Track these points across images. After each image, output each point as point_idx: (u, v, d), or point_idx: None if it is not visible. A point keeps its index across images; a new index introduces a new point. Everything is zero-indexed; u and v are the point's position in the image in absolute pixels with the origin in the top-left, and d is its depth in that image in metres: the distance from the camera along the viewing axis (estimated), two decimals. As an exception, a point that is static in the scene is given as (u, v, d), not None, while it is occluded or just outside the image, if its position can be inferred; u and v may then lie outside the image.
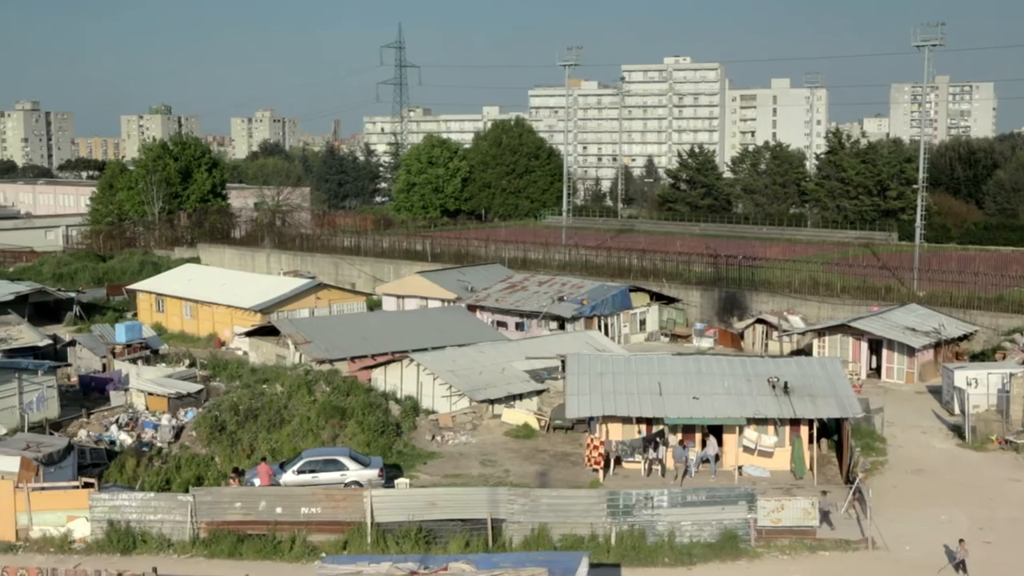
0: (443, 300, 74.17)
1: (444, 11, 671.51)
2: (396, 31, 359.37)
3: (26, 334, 61.14)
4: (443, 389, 50.75)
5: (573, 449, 45.84)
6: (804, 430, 42.31)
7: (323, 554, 32.35)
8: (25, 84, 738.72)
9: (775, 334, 67.08)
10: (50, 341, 61.66)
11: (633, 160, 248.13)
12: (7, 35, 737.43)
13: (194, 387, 51.84)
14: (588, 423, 44.62)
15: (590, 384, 44.06)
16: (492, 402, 50.37)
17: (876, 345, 59.68)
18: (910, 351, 57.99)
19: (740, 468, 41.93)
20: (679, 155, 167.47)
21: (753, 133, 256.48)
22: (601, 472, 41.64)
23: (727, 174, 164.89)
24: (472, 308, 71.09)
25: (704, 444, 42.69)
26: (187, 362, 61.21)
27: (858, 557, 33.55)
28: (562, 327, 67.12)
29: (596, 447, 41.76)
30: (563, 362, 48.86)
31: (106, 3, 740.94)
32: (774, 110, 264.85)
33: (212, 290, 76.28)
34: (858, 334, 60.02)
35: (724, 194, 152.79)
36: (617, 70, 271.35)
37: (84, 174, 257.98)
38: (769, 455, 42.36)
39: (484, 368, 52.30)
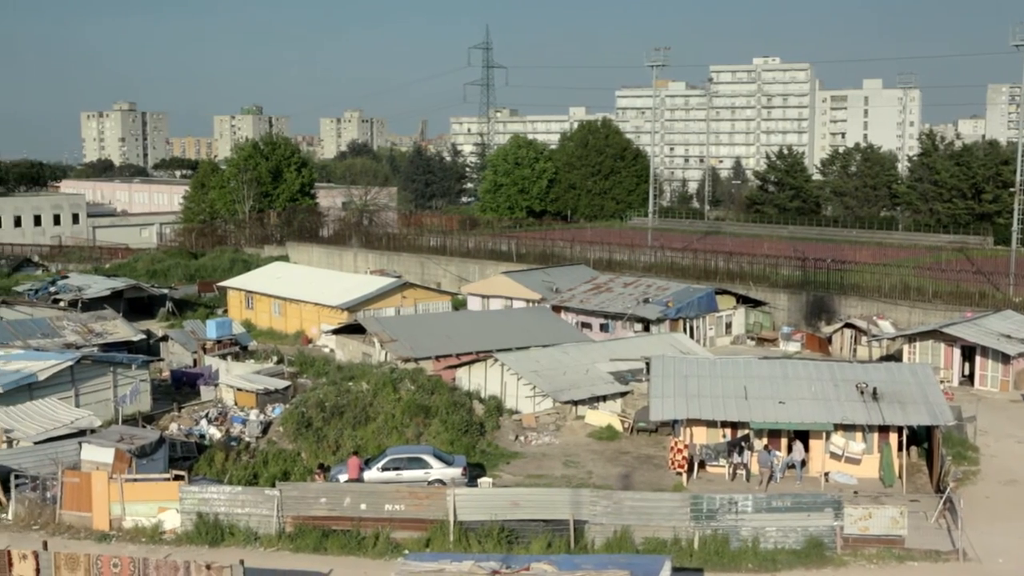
0: (528, 300, 74.23)
1: (532, 12, 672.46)
2: (484, 32, 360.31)
3: (121, 329, 62.57)
4: (527, 389, 50.79)
5: (656, 452, 45.56)
6: (893, 437, 41.52)
7: (406, 551, 32.54)
8: (123, 85, 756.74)
9: (864, 339, 65.92)
10: (144, 336, 63.02)
11: (720, 161, 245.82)
12: (106, 38, 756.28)
13: (281, 383, 52.54)
14: (672, 426, 44.31)
15: (675, 387, 43.76)
16: (576, 403, 50.28)
17: (969, 352, 58.29)
18: (1005, 358, 56.57)
19: (826, 474, 41.28)
20: (767, 157, 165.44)
21: (843, 135, 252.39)
22: (685, 475, 41.32)
23: (816, 176, 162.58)
24: (557, 309, 71.04)
25: (790, 449, 42.12)
26: (275, 359, 62.06)
27: (948, 568, 32.79)
28: (647, 329, 66.75)
29: (680, 450, 41.44)
30: (647, 364, 48.58)
31: (201, 6, 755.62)
32: (865, 111, 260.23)
33: (300, 288, 77.29)
34: (950, 340, 58.69)
35: (813, 196, 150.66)
36: (705, 71, 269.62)
37: (178, 173, 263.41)
38: (857, 462, 41.63)
39: (568, 369, 52.24)
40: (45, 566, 29.55)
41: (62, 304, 76.03)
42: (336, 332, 66.52)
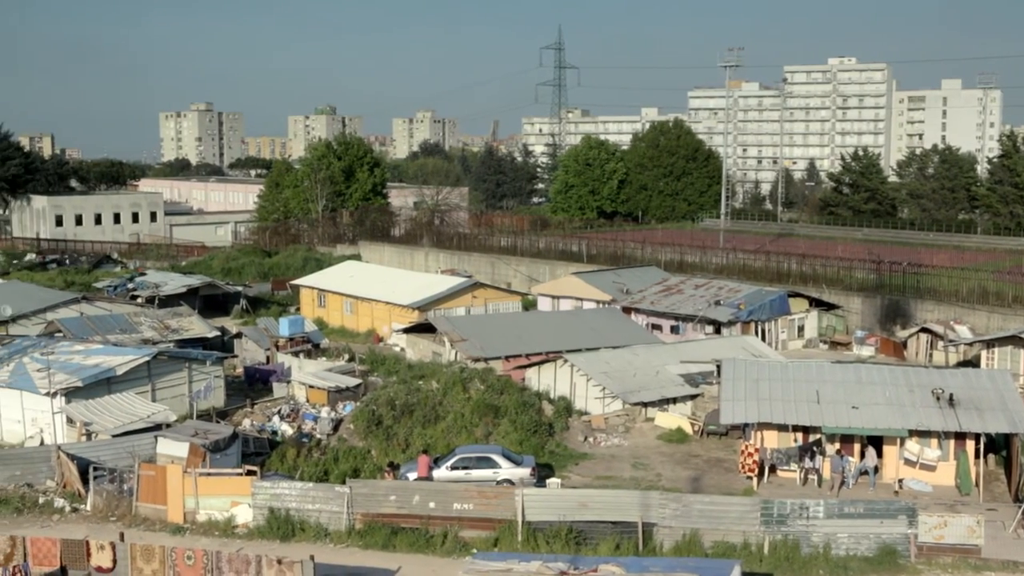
0: (598, 301, 74.06)
1: (605, 13, 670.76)
2: (556, 33, 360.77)
3: (196, 326, 63.54)
4: (596, 390, 50.68)
5: (727, 455, 45.21)
6: (970, 444, 40.76)
7: (474, 550, 32.63)
8: (200, 86, 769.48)
9: (940, 344, 64.75)
10: (218, 333, 63.94)
11: (794, 163, 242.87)
12: (185, 39, 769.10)
13: (353, 381, 52.96)
14: (743, 429, 43.92)
15: (746, 390, 43.38)
16: (645, 405, 50.07)
17: (1050, 358, 57.00)
18: (1087, 365, 55.25)
19: (900, 481, 40.65)
20: (842, 158, 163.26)
21: (921, 136, 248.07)
22: (755, 480, 40.96)
23: (892, 178, 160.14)
24: (627, 310, 70.78)
25: (863, 455, 41.54)
26: (346, 356, 62.58)
27: (1026, 579, 32.14)
28: (718, 331, 66.25)
29: (751, 454, 41.08)
30: (718, 367, 48.21)
31: (276, 7, 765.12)
32: (944, 112, 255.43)
33: (372, 287, 77.87)
34: (1031, 346, 57.47)
35: (889, 199, 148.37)
36: (779, 71, 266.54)
37: (252, 172, 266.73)
38: (932, 469, 40.94)
39: (638, 370, 52.03)
40: (122, 557, 30.11)
41: (140, 300, 77.44)
42: (407, 331, 66.94)
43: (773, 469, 41.81)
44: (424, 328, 65.27)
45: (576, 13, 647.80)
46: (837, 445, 41.53)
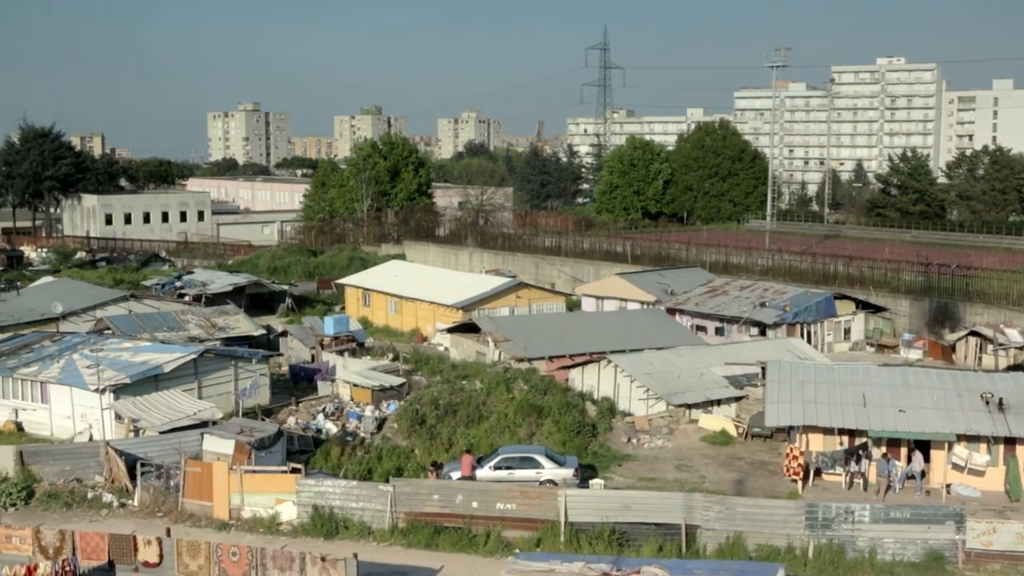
0: (642, 302, 73.83)
1: (650, 13, 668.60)
2: (601, 33, 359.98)
3: (242, 324, 64.01)
4: (640, 392, 50.53)
5: (771, 458, 44.91)
6: (1020, 450, 40.15)
7: (516, 550, 32.66)
8: (247, 86, 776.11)
9: (990, 348, 63.95)
10: (264, 331, 64.34)
11: (841, 164, 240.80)
12: (233, 41, 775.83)
13: (397, 380, 53.13)
14: (788, 432, 43.62)
15: (791, 392, 43.06)
16: (689, 407, 49.85)
17: (1102, 363, 56.16)
18: None
19: (948, 486, 40.17)
20: (890, 159, 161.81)
21: (971, 137, 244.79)
22: (800, 483, 40.65)
23: (941, 179, 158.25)
24: (671, 311, 70.49)
25: (910, 459, 41.09)
26: (391, 356, 62.76)
27: (1076, 587, 31.65)
28: (763, 333, 65.82)
29: (795, 457, 40.78)
30: (763, 369, 47.90)
31: (323, 8, 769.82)
32: (995, 112, 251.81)
33: (416, 286, 78.11)
34: (1082, 350, 56.61)
35: (938, 200, 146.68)
36: (826, 71, 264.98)
37: (299, 172, 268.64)
38: (980, 474, 40.41)
39: (682, 372, 51.82)
40: (168, 552, 30.42)
41: (187, 299, 78.16)
42: (451, 331, 67.08)
43: (818, 473, 41.47)
44: (468, 328, 65.38)
45: (622, 13, 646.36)
46: (884, 449, 41.11)
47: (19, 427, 48.69)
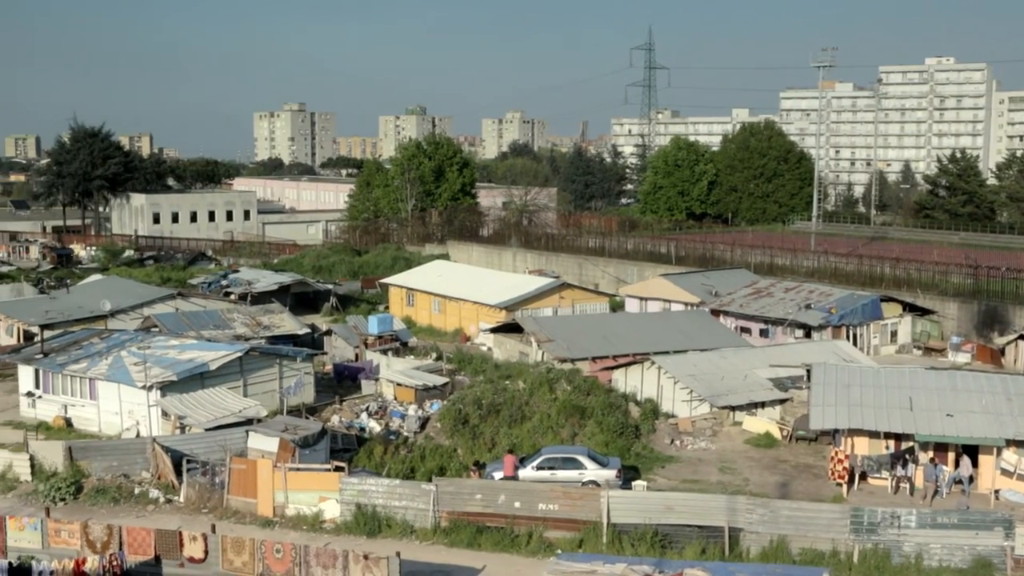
0: (686, 304, 73.50)
1: (695, 13, 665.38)
2: (646, 33, 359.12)
3: (287, 322, 64.44)
4: (683, 393, 50.32)
5: (816, 461, 44.55)
6: (1070, 455, 39.61)
7: (558, 551, 32.65)
8: (293, 87, 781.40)
9: (1040, 352, 63.04)
10: (308, 330, 64.74)
11: (888, 165, 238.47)
12: (279, 42, 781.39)
13: (440, 380, 53.26)
14: (833, 435, 43.26)
15: (836, 395, 42.71)
16: (733, 409, 49.58)
17: None
18: None
19: (997, 492, 39.63)
20: (938, 160, 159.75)
21: (1022, 137, 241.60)
22: (845, 487, 40.30)
23: (991, 181, 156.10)
24: (716, 313, 70.12)
25: (957, 464, 40.61)
26: (434, 355, 62.92)
27: None
28: (808, 335, 65.30)
29: (840, 460, 40.44)
30: (808, 371, 47.55)
31: (367, 10, 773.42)
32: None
33: (460, 286, 78.24)
34: None
35: (987, 202, 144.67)
36: (874, 71, 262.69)
37: (343, 172, 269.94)
38: (1030, 480, 39.89)
39: (726, 374, 51.54)
40: (213, 548, 30.71)
41: (233, 297, 78.86)
42: (494, 331, 67.13)
43: (863, 476, 41.10)
44: (511, 328, 65.41)
45: (667, 14, 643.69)
46: (931, 453, 40.68)
47: (68, 423, 49.36)
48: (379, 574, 28.75)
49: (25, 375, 52.15)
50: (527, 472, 39.89)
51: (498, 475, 39.73)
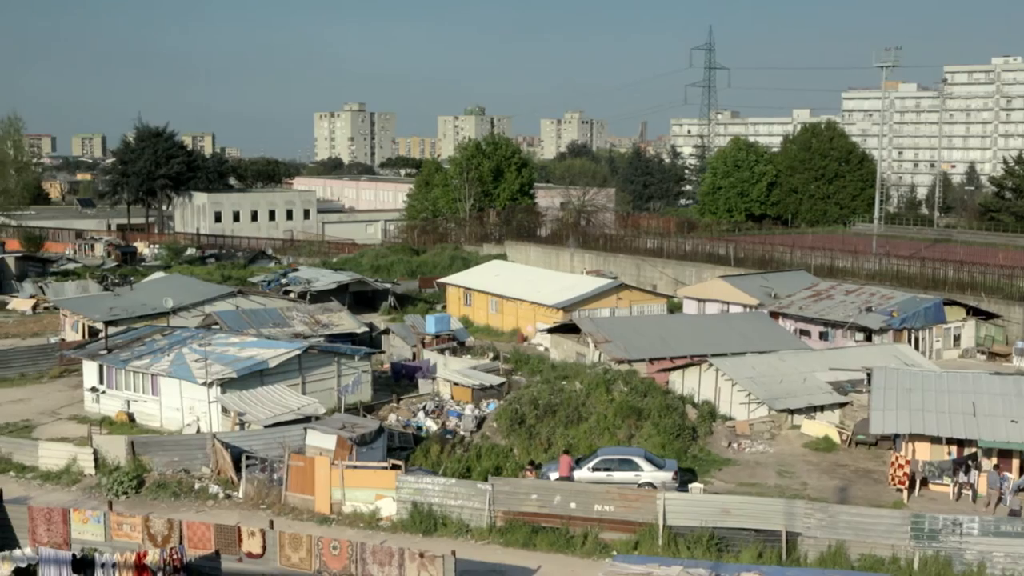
0: (745, 305, 72.93)
1: (756, 13, 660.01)
2: (706, 33, 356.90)
3: (345, 321, 64.87)
4: (741, 396, 49.94)
5: (876, 466, 44.01)
6: None
7: (614, 552, 32.55)
8: (353, 87, 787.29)
9: (1109, 357, 61.76)
10: (366, 329, 65.09)
11: (953, 166, 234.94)
12: (340, 43, 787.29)
13: (497, 380, 53.31)
14: (893, 440, 42.70)
15: (897, 399, 42.14)
16: (792, 412, 49.11)
17: None
18: None
19: (1062, 500, 38.88)
20: (1005, 161, 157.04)
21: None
22: (905, 492, 39.76)
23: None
24: (774, 315, 69.52)
25: (1022, 471, 39.88)
26: (491, 355, 63.04)
27: None
28: (869, 339, 64.51)
29: (901, 466, 39.91)
30: (869, 375, 46.98)
31: (428, 11, 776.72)
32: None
33: (517, 286, 78.29)
34: None
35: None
36: (938, 71, 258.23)
37: (402, 172, 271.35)
38: (1097, 488, 39.06)
39: (785, 377, 51.07)
40: (271, 544, 31.00)
41: (292, 295, 79.56)
42: (551, 331, 67.10)
43: (925, 482, 40.52)
44: (568, 328, 65.33)
45: (728, 13, 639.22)
46: (994, 460, 39.99)
47: (131, 418, 50.11)
48: (434, 572, 28.85)
49: (90, 370, 53.04)
50: (583, 473, 39.82)
51: (554, 475, 39.70)
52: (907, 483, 39.75)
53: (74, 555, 28.97)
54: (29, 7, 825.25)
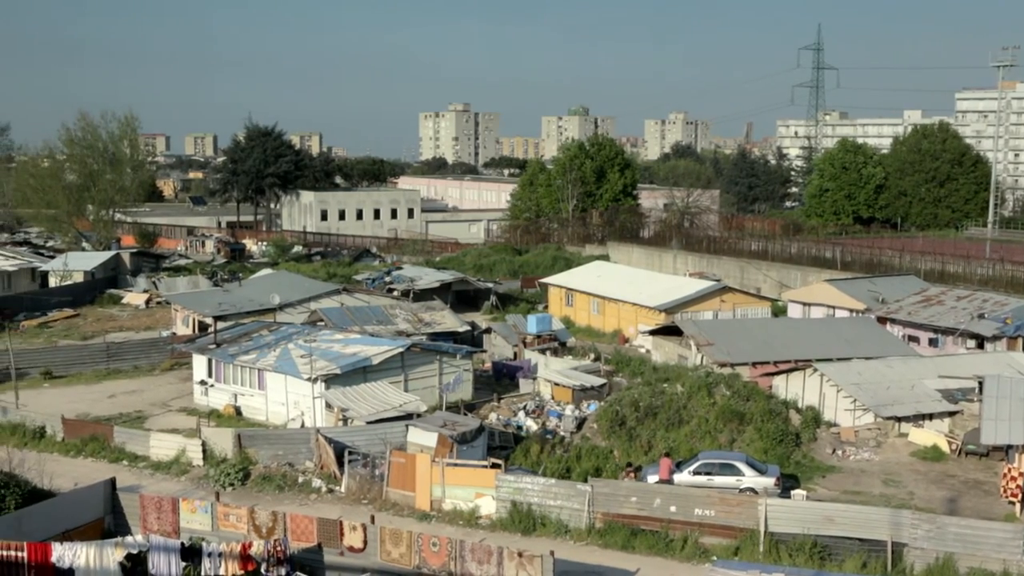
0: (851, 310, 71.54)
1: (866, 12, 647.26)
2: (815, 33, 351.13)
3: (448, 320, 65.37)
4: (846, 402, 49.04)
5: (986, 478, 42.82)
6: None
7: (714, 557, 32.28)
8: (458, 88, 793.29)
9: None
10: (468, 327, 65.51)
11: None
12: (446, 44, 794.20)
13: (597, 381, 53.19)
14: (1006, 451, 41.48)
15: (1011, 409, 40.90)
16: (899, 419, 48.04)
17: None
18: None
19: None
20: None
21: None
22: (1018, 505, 38.61)
23: None
24: (882, 320, 68.09)
25: None
26: (592, 356, 62.92)
27: None
28: (981, 346, 62.76)
29: (1014, 478, 38.75)
30: (980, 383, 45.71)
31: (536, 13, 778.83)
32: None
33: (619, 287, 78.00)
34: None
35: None
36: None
37: (506, 172, 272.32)
38: None
39: (892, 383, 50.00)
40: (372, 539, 31.39)
41: (396, 293, 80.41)
42: (653, 333, 66.72)
43: (1038, 495, 39.30)
44: (670, 331, 64.89)
45: (837, 12, 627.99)
46: (1112, 474, 38.62)
47: (238, 411, 51.23)
48: (533, 572, 28.91)
49: (199, 364, 54.37)
50: (683, 476, 39.53)
51: (653, 478, 39.48)
52: (1020, 496, 38.60)
53: (182, 543, 29.74)
54: (148, 14, 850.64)
